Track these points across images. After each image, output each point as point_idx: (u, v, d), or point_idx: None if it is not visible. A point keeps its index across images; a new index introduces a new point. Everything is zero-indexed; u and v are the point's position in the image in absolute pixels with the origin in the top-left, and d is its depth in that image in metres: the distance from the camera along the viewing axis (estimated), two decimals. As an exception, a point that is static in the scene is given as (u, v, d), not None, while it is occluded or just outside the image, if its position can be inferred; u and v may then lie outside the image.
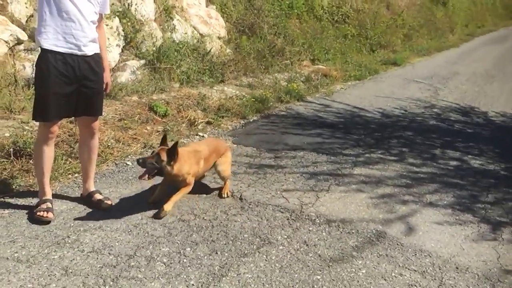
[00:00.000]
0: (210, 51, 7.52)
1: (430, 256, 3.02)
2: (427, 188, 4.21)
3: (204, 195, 3.69)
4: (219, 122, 5.70)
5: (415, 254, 3.04)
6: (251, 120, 6.06)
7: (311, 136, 5.60)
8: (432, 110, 7.49)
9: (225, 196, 3.68)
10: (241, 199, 3.67)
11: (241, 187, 3.91)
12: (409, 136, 5.91)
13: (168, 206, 3.25)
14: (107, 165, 4.12)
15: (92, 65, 3.10)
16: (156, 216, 3.22)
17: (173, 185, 3.41)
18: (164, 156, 3.21)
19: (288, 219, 3.39)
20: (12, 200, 3.30)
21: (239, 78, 7.60)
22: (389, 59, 12.26)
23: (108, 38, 5.70)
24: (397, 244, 3.15)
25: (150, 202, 3.42)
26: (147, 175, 3.21)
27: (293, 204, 3.64)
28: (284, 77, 8.39)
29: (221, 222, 3.26)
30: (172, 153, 3.21)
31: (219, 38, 8.25)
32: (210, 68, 7.21)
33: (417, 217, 3.60)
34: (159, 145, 3.44)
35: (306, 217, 3.43)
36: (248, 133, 5.57)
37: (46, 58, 2.97)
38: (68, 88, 3.02)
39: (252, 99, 6.58)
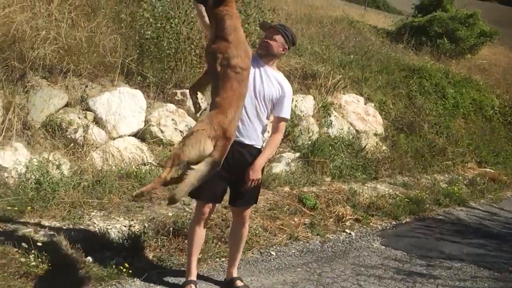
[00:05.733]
0: (365, 147, 7.52)
1: None
2: None
3: None
4: (368, 220, 5.51)
5: None
6: (403, 222, 5.73)
7: (471, 246, 5.05)
8: None
9: None
10: (384, 307, 3.40)
11: (385, 294, 3.64)
12: None
13: None
14: (252, 253, 4.23)
15: (246, 156, 3.24)
16: None
17: None
18: None
19: None
20: (163, 277, 3.55)
21: (393, 177, 7.36)
22: None
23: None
24: None
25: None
26: None
27: (444, 322, 3.25)
28: (444, 178, 7.89)
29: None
30: None
31: (375, 135, 8.23)
32: (364, 164, 7.15)
33: None
34: None
35: None
36: (399, 235, 5.26)
37: None
38: (221, 172, 3.16)
39: (406, 200, 6.27)
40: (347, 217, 5.40)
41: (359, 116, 8.19)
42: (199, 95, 3.30)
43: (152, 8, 5.97)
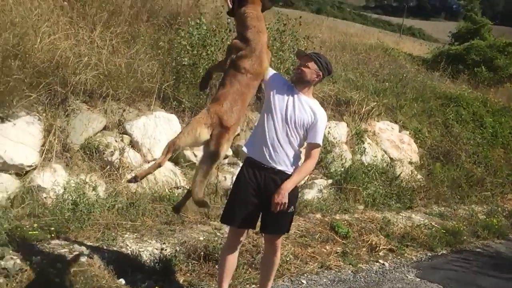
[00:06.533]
0: (399, 175, 7.40)
1: None
2: None
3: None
4: (403, 251, 5.36)
5: None
6: (439, 254, 5.55)
7: (510, 281, 4.84)
8: None
9: None
10: None
11: (420, 329, 3.51)
12: None
13: None
14: (283, 281, 4.17)
15: (278, 182, 3.18)
16: None
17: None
18: None
19: None
20: (193, 302, 3.55)
21: (429, 206, 7.20)
22: None
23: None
24: None
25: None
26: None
27: None
28: (482, 210, 7.64)
29: None
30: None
31: (410, 163, 8.08)
32: (398, 193, 7.03)
33: None
34: None
35: None
36: (435, 267, 5.09)
37: (242, 166, 3.31)
38: (253, 199, 3.22)
39: (443, 231, 6.09)
40: (380, 247, 5.27)
41: (393, 144, 8.09)
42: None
43: (189, 36, 6.14)
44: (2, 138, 4.34)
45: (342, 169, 6.83)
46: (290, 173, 3.24)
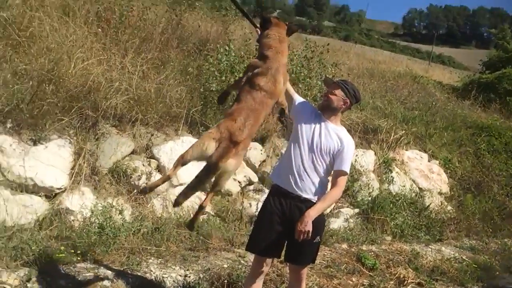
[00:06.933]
0: (428, 206, 7.21)
1: None
2: None
3: None
4: (432, 285, 5.16)
5: None
6: (470, 289, 5.35)
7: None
8: None
9: None
10: None
11: None
12: None
13: None
14: (309, 313, 4.08)
15: (303, 210, 3.12)
16: None
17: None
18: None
19: None
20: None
21: (460, 239, 6.96)
22: None
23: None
24: None
25: None
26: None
27: None
28: (516, 244, 7.35)
29: None
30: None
31: (440, 193, 7.88)
32: (428, 224, 6.84)
33: None
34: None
35: None
36: (466, 304, 4.89)
37: (268, 194, 3.30)
38: (278, 227, 3.18)
39: (474, 265, 5.86)
40: (409, 281, 5.09)
41: (422, 174, 7.91)
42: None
43: (218, 62, 6.22)
44: (34, 161, 4.44)
45: (369, 198, 6.71)
46: (313, 199, 3.21)
